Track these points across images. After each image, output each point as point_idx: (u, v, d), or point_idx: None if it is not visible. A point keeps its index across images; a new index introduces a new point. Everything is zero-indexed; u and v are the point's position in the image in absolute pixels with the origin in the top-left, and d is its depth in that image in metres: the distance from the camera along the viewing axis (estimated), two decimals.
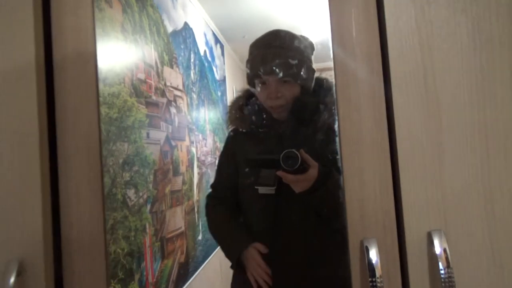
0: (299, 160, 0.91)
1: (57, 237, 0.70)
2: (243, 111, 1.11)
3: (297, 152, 0.92)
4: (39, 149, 0.69)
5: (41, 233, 0.67)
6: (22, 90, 0.69)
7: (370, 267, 0.63)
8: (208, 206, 1.22)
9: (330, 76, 1.11)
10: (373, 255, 0.64)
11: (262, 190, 1.01)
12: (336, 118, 0.99)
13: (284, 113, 1.04)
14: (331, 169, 0.94)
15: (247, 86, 1.11)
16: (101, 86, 1.16)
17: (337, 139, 1.00)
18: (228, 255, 1.10)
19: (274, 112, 1.05)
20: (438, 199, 0.66)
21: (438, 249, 0.63)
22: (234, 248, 1.06)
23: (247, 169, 1.08)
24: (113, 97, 1.23)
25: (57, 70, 0.72)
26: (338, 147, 1.02)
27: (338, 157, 0.98)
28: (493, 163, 0.65)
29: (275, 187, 0.99)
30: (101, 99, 1.14)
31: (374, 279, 0.62)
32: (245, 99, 1.12)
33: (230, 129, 1.17)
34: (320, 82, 1.08)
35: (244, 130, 1.12)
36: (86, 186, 0.70)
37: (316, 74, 1.09)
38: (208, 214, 1.21)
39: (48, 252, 0.68)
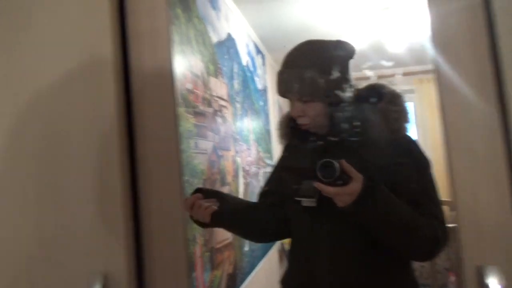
0: (337, 171, 0.84)
1: (139, 252, 0.70)
2: (289, 126, 1.09)
3: (335, 162, 0.84)
4: (119, 157, 0.69)
5: (125, 245, 0.67)
6: (102, 94, 0.70)
7: None
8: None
9: (388, 81, 1.06)
10: (493, 284, 0.56)
11: (304, 202, 0.95)
12: (408, 126, 0.93)
13: (318, 128, 1.00)
14: (378, 183, 0.86)
15: None
16: None
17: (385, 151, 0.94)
18: None
19: (304, 129, 1.02)
20: None
21: None
22: None
23: (290, 182, 1.04)
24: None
25: (135, 75, 0.72)
26: (415, 154, 0.95)
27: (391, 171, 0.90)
28: None
29: (315, 199, 0.92)
30: None
31: None
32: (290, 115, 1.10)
33: (283, 144, 1.15)
34: (377, 87, 1.02)
35: (294, 145, 1.10)
36: (166, 199, 0.70)
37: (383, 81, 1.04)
38: None
39: (131, 264, 0.68)
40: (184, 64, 1.47)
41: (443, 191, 0.87)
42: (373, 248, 0.93)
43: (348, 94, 0.98)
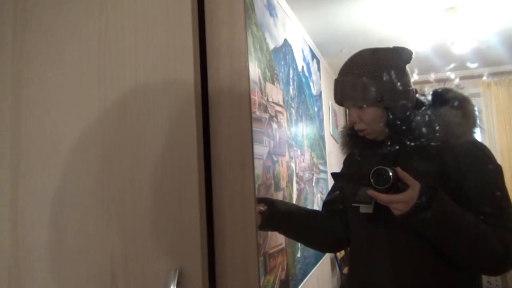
0: (391, 179, 0.81)
1: (211, 250, 0.73)
2: (350, 135, 1.08)
3: (389, 170, 0.82)
4: (197, 163, 0.72)
5: (199, 244, 0.70)
6: (183, 104, 0.74)
7: None
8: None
9: (455, 85, 1.00)
10: None
11: (362, 208, 0.93)
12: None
13: (376, 135, 0.98)
14: (438, 191, 0.82)
15: None
16: None
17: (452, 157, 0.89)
18: None
19: (362, 135, 1.00)
20: None
21: None
22: None
23: (350, 188, 1.03)
24: None
25: (212, 84, 0.75)
26: (482, 160, 0.90)
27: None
28: None
29: (372, 205, 0.90)
30: None
31: None
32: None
33: (346, 154, 1.15)
34: (443, 92, 0.97)
35: (354, 153, 1.09)
36: (239, 199, 0.72)
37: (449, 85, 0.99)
38: None
39: (204, 264, 0.71)
40: None
41: None
42: (436, 258, 0.88)
43: (405, 99, 0.96)
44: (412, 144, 0.93)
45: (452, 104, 0.94)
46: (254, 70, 1.61)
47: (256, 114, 1.58)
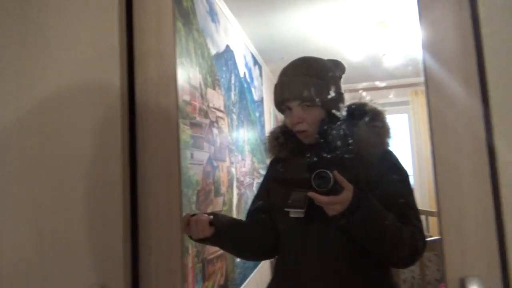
0: (331, 181, 0.88)
1: (135, 263, 0.71)
2: (279, 139, 1.12)
3: (329, 172, 0.88)
4: (121, 175, 0.70)
5: (122, 259, 0.68)
6: (107, 111, 0.71)
7: None
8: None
9: (369, 99, 1.09)
10: None
11: (292, 213, 0.98)
12: (378, 146, 0.96)
13: (312, 138, 1.03)
14: (367, 193, 0.90)
15: None
16: None
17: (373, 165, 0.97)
18: None
19: (301, 137, 1.04)
20: None
21: None
22: None
23: (279, 193, 1.06)
24: None
25: (139, 93, 0.73)
26: (396, 168, 0.99)
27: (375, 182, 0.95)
28: None
29: (304, 210, 0.95)
30: None
31: None
32: (280, 128, 1.13)
33: (270, 158, 1.17)
34: (361, 105, 1.06)
35: (282, 157, 1.12)
36: (165, 211, 0.71)
37: (349, 96, 1.07)
38: None
39: (127, 279, 0.69)
40: (183, 76, 1.49)
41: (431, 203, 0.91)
42: (361, 255, 0.96)
43: (340, 107, 1.03)
44: (339, 152, 1.00)
45: (369, 117, 1.03)
46: (195, 76, 1.61)
47: (196, 119, 1.57)
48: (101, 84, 0.72)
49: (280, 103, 1.05)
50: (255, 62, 3.04)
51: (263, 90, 3.21)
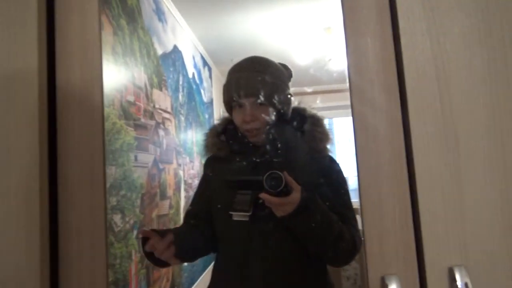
0: (283, 182, 0.89)
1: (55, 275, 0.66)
2: (220, 137, 1.10)
3: (281, 174, 0.90)
4: (39, 183, 0.65)
5: (39, 272, 0.63)
6: (24, 110, 0.67)
7: None
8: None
9: (308, 105, 1.13)
10: None
11: (236, 216, 0.98)
12: (311, 149, 1.00)
13: (260, 138, 1.04)
14: (314, 195, 0.93)
15: (226, 115, 1.11)
16: None
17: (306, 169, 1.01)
18: None
19: (249, 136, 1.04)
20: (458, 233, 0.65)
21: (460, 285, 0.62)
22: None
23: (222, 195, 1.06)
24: None
25: (60, 93, 0.69)
26: (337, 172, 1.04)
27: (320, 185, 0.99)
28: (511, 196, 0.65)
29: (250, 213, 0.96)
30: None
31: None
32: (223, 126, 1.12)
33: (207, 156, 1.15)
34: (299, 110, 1.09)
35: (221, 157, 1.10)
36: (88, 223, 0.67)
37: (297, 100, 1.10)
38: None
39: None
40: (127, 75, 1.44)
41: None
42: (300, 257, 0.99)
43: (288, 111, 1.05)
44: (284, 152, 1.02)
45: (310, 122, 1.06)
46: (140, 76, 1.56)
47: (141, 121, 1.53)
48: (18, 81, 0.67)
49: (232, 100, 1.03)
50: (205, 63, 3.02)
51: (213, 91, 3.20)
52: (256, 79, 1.00)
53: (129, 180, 1.36)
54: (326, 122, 1.10)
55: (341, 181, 1.05)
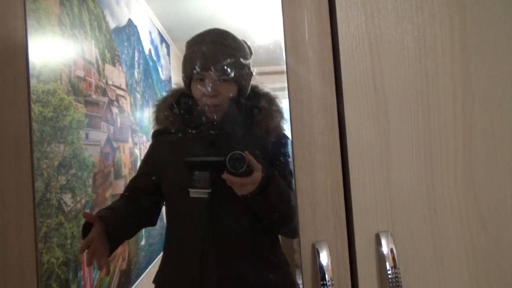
0: (246, 163, 0.90)
1: None
2: (173, 110, 1.07)
3: (243, 154, 0.91)
4: None
5: None
6: None
7: (321, 270, 0.63)
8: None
9: (260, 82, 1.13)
10: (324, 258, 0.64)
11: (194, 193, 0.98)
12: (271, 121, 1.01)
13: (219, 114, 1.03)
14: (274, 172, 0.95)
15: (176, 87, 1.08)
16: (34, 82, 1.07)
17: (274, 143, 1.02)
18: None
19: (209, 111, 1.03)
20: (385, 201, 0.69)
21: (385, 250, 0.66)
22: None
23: (178, 172, 1.04)
24: (48, 94, 1.14)
25: None
26: (290, 150, 1.06)
27: (280, 162, 1.01)
28: (435, 166, 0.69)
29: (209, 191, 0.97)
30: (34, 96, 1.06)
31: (324, 282, 0.63)
32: (175, 98, 1.09)
33: (155, 129, 1.12)
34: (254, 87, 1.09)
35: (172, 131, 1.08)
36: (14, 192, 0.64)
37: (253, 82, 1.10)
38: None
39: None
40: (76, 49, 1.37)
41: None
42: (257, 232, 1.01)
43: (248, 88, 1.04)
44: (241, 128, 1.01)
45: (265, 100, 1.06)
46: (91, 50, 1.49)
47: (92, 97, 1.47)
48: None
49: (192, 73, 1.00)
50: (162, 39, 2.93)
51: (171, 69, 3.12)
52: (220, 52, 0.98)
53: (80, 159, 1.32)
54: (281, 102, 1.11)
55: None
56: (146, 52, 2.39)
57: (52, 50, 1.19)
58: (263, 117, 1.03)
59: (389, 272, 0.64)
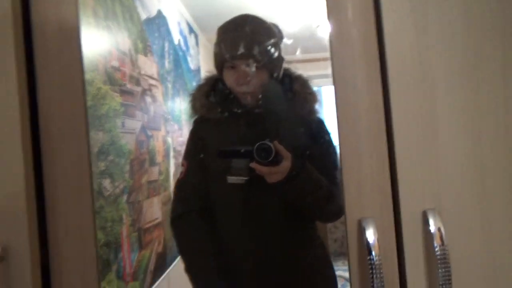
0: (273, 152, 0.92)
1: (43, 222, 0.68)
2: (209, 98, 1.08)
3: (270, 144, 0.92)
4: (20, 136, 0.66)
5: (26, 218, 0.65)
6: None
7: (368, 246, 0.64)
8: (174, 221, 1.13)
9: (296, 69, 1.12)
10: (370, 234, 0.64)
11: (232, 180, 1.00)
12: (302, 106, 1.00)
13: (253, 100, 1.03)
14: (304, 160, 0.95)
15: (210, 75, 1.08)
16: None
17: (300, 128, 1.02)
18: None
19: (243, 98, 1.03)
20: (432, 178, 0.68)
21: (432, 228, 0.65)
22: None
23: (217, 159, 1.06)
24: (86, 84, 1.19)
25: (37, 43, 0.68)
26: (335, 128, 1.05)
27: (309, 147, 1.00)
28: (485, 142, 0.67)
29: (247, 178, 0.99)
30: None
31: (371, 257, 0.63)
32: (210, 86, 1.09)
33: (194, 118, 1.13)
34: (285, 71, 1.08)
35: (211, 118, 1.09)
36: (71, 171, 0.68)
37: (285, 65, 1.09)
38: (182, 244, 1.12)
39: (33, 237, 0.66)
40: (110, 40, 1.42)
41: None
42: (294, 217, 1.02)
43: (280, 73, 1.04)
44: (276, 114, 1.02)
45: (298, 84, 1.06)
46: (124, 41, 1.53)
47: (127, 87, 1.51)
48: None
49: (224, 61, 1.01)
50: (191, 30, 2.96)
51: (200, 59, 3.15)
52: (251, 39, 0.98)
53: (117, 146, 1.37)
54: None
55: (330, 142, 1.07)
56: (176, 42, 2.44)
57: (88, 41, 1.24)
58: (298, 100, 1.03)
59: (436, 249, 0.63)
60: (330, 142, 1.06)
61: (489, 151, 0.68)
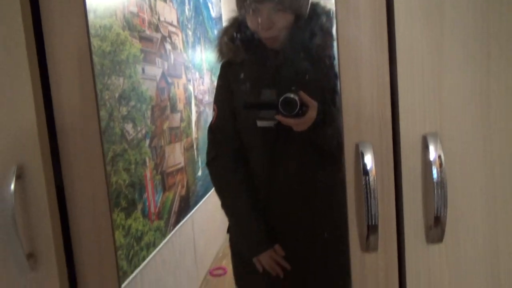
0: (298, 105, 0.93)
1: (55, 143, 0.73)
2: (235, 41, 1.07)
3: (295, 98, 0.93)
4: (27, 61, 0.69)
5: (37, 138, 0.69)
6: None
7: (364, 169, 0.64)
8: (210, 164, 1.17)
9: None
10: (368, 159, 0.64)
11: (261, 123, 1.02)
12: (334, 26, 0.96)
13: (278, 43, 1.01)
14: (330, 107, 0.95)
15: (235, 15, 1.06)
16: (91, 17, 1.13)
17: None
18: (244, 247, 1.15)
19: (267, 42, 1.02)
20: (434, 102, 0.66)
21: (432, 153, 0.64)
22: (254, 247, 1.10)
23: (243, 100, 1.07)
24: (105, 29, 1.21)
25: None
26: (336, 53, 1.03)
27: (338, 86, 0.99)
28: (493, 67, 0.65)
29: (276, 122, 1.00)
30: (92, 31, 1.13)
31: (367, 178, 0.63)
32: (235, 28, 1.07)
33: (221, 62, 1.13)
34: (314, 6, 1.04)
35: (238, 62, 1.08)
36: (77, 92, 0.70)
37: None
38: (217, 184, 1.17)
39: (46, 156, 0.71)
40: None
41: None
42: (321, 157, 1.04)
43: (307, 9, 1.00)
44: (304, 54, 1.01)
45: (324, 20, 1.02)
46: None
47: (146, 33, 1.52)
48: None
49: (245, 4, 0.99)
50: None
51: (222, 6, 3.08)
52: None
53: (138, 92, 1.40)
54: None
55: None
56: None
57: None
58: (325, 39, 0.99)
59: (434, 174, 0.63)
60: None
61: (496, 76, 0.65)
